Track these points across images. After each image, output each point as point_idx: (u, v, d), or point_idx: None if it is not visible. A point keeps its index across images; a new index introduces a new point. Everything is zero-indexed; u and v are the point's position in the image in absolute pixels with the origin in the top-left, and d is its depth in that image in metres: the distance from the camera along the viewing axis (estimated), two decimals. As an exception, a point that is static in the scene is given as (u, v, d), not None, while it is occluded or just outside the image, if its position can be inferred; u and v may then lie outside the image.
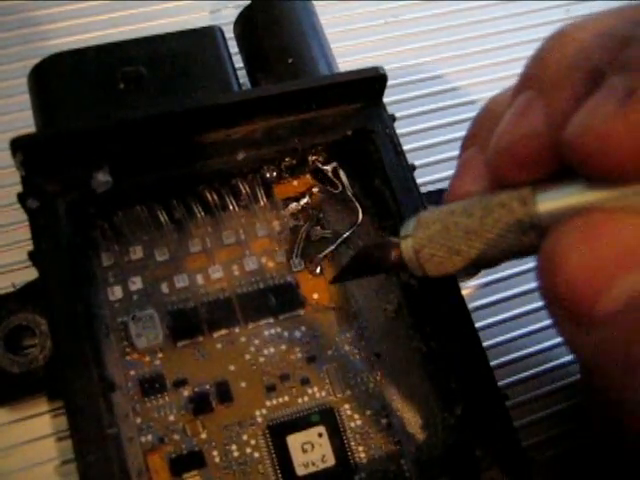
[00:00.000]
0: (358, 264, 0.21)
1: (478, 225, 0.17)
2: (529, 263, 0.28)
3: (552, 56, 0.17)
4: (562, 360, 0.26)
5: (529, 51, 0.33)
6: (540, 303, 0.27)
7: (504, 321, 0.27)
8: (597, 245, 0.15)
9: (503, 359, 0.26)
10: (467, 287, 0.27)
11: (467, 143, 0.21)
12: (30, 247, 0.22)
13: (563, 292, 0.15)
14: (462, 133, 0.24)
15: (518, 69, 0.32)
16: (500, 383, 0.22)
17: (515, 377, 0.26)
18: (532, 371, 0.26)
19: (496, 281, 0.28)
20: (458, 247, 0.18)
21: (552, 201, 0.16)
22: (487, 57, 0.33)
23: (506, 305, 0.27)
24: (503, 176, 0.17)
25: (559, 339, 0.27)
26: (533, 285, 0.28)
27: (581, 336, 0.16)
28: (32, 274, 0.23)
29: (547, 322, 0.27)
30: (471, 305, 0.26)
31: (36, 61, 0.25)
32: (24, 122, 0.26)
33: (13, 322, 0.23)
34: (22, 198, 0.22)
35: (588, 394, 0.23)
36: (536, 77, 0.17)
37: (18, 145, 0.22)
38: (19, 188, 0.22)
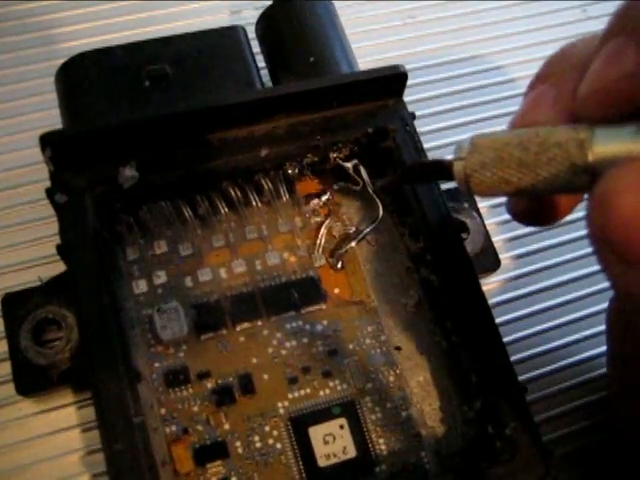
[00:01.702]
0: (411, 174, 0.23)
1: (532, 160, 0.17)
2: (548, 260, 0.28)
3: None
4: (582, 355, 0.27)
5: (546, 51, 0.34)
6: (559, 299, 0.27)
7: (524, 317, 0.27)
8: None
9: (523, 354, 0.26)
10: (488, 283, 0.27)
11: (537, 82, 0.21)
12: (55, 242, 0.22)
13: (616, 234, 0.15)
14: (481, 131, 0.25)
15: (535, 70, 0.32)
16: (520, 378, 0.23)
17: (535, 372, 0.26)
18: (552, 366, 0.26)
19: (516, 277, 0.28)
20: (509, 177, 0.18)
21: (610, 147, 0.16)
22: (505, 57, 0.33)
23: (526, 301, 0.28)
24: (589, 115, 0.17)
25: (579, 334, 0.27)
26: (553, 281, 0.28)
27: (629, 275, 0.16)
28: (57, 269, 0.23)
29: (567, 318, 0.27)
30: (492, 301, 0.27)
31: (61, 61, 0.26)
32: (51, 120, 0.26)
33: (40, 315, 0.23)
34: (50, 193, 0.23)
35: (615, 391, 0.24)
36: (626, 23, 0.17)
37: (47, 141, 0.22)
38: (45, 185, 0.23)
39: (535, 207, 0.21)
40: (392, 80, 0.25)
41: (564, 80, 0.19)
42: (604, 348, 0.24)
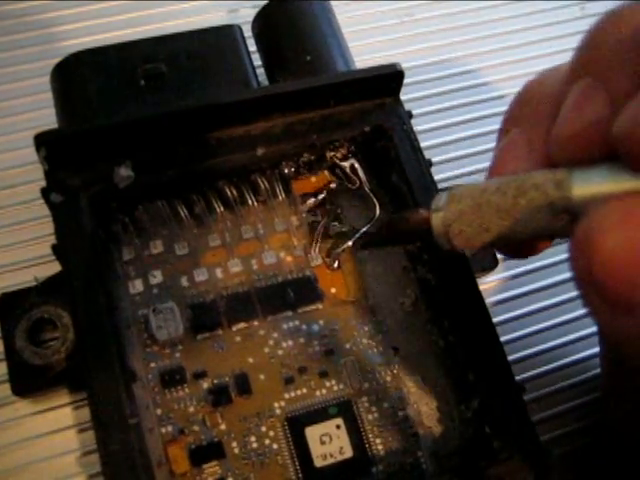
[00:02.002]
0: (387, 232, 0.22)
1: (510, 205, 0.17)
2: (545, 260, 0.28)
3: (607, 39, 0.17)
4: (579, 355, 0.27)
5: (544, 50, 0.34)
6: (556, 299, 0.27)
7: (522, 316, 0.27)
8: (637, 228, 0.14)
9: (521, 354, 0.26)
10: (485, 282, 0.27)
11: (508, 124, 0.20)
12: (51, 242, 0.22)
13: (599, 276, 0.15)
14: (477, 130, 0.25)
15: (533, 67, 0.32)
16: (517, 378, 0.22)
17: (532, 372, 0.26)
18: (549, 366, 0.26)
19: (514, 277, 0.28)
20: (488, 224, 0.18)
21: (588, 186, 0.16)
22: (502, 55, 0.33)
23: (523, 300, 0.28)
24: (562, 160, 0.17)
25: (576, 334, 0.27)
26: (550, 281, 0.28)
27: (617, 320, 0.15)
28: (53, 268, 0.23)
29: (564, 317, 0.27)
30: (489, 300, 0.26)
31: (57, 60, 0.26)
32: (47, 120, 0.26)
33: (35, 315, 0.23)
34: (45, 192, 0.23)
35: (610, 401, 0.23)
36: (592, 62, 0.17)
37: (42, 140, 0.22)
38: (40, 185, 0.23)
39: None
40: (389, 79, 0.25)
41: (535, 124, 0.19)
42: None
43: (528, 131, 0.19)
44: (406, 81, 0.25)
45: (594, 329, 0.27)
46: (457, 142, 0.30)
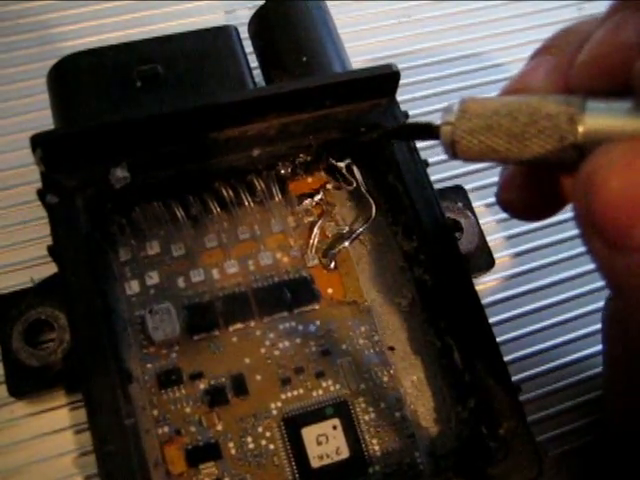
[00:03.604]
0: (399, 132, 0.24)
1: (520, 131, 0.17)
2: (543, 260, 0.28)
3: None
4: (576, 356, 0.27)
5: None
6: (552, 299, 0.27)
7: (518, 316, 0.27)
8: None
9: (517, 354, 0.26)
10: (482, 282, 0.27)
11: (539, 53, 0.20)
12: (48, 243, 0.22)
13: (600, 215, 0.15)
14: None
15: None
16: (514, 378, 0.22)
17: (529, 372, 0.26)
18: (546, 366, 0.26)
19: (511, 277, 0.28)
20: (496, 146, 0.18)
21: (600, 122, 0.16)
22: (499, 56, 0.33)
23: (520, 300, 0.28)
24: (581, 86, 0.17)
25: (572, 334, 0.27)
26: (547, 281, 0.28)
27: (615, 260, 0.15)
28: (50, 270, 0.23)
29: (560, 318, 0.27)
30: (485, 300, 0.26)
31: (54, 62, 0.26)
32: (44, 121, 0.26)
33: (32, 316, 0.23)
34: (42, 194, 0.23)
35: (611, 386, 0.23)
36: None
37: (38, 141, 0.22)
38: (37, 187, 0.23)
39: (527, 199, 0.20)
40: (385, 79, 0.25)
41: (565, 51, 0.19)
42: (599, 347, 0.24)
43: (557, 56, 0.19)
44: (403, 81, 0.25)
45: (590, 329, 0.27)
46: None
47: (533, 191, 0.20)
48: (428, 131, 0.20)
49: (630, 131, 0.15)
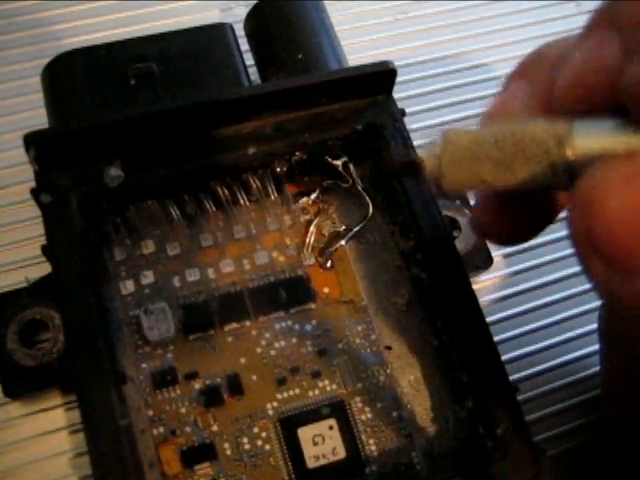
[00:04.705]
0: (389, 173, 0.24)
1: (509, 160, 0.17)
2: (541, 258, 0.28)
3: None
4: (574, 355, 0.26)
5: (539, 47, 0.33)
6: (550, 298, 0.27)
7: (516, 315, 0.27)
8: None
9: (514, 354, 0.26)
10: (480, 281, 0.27)
11: (511, 79, 0.20)
12: (42, 243, 0.22)
13: (600, 236, 0.14)
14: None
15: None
16: (511, 378, 0.22)
17: (526, 372, 0.26)
18: (543, 366, 0.26)
19: (508, 275, 0.28)
20: (484, 177, 0.17)
21: (590, 142, 0.16)
22: (498, 53, 0.33)
23: (518, 299, 0.27)
24: (565, 108, 0.17)
25: (570, 334, 0.27)
26: (545, 279, 0.28)
27: (615, 282, 0.15)
28: (45, 269, 0.23)
29: (557, 317, 0.27)
30: (483, 299, 0.26)
31: (48, 60, 0.25)
32: (39, 120, 0.26)
33: (27, 316, 0.23)
34: (35, 193, 0.22)
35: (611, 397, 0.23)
36: (611, 17, 0.17)
37: (31, 140, 0.22)
38: (31, 186, 0.23)
39: (505, 222, 0.20)
40: (381, 76, 0.24)
41: (539, 77, 0.18)
42: (596, 347, 0.24)
43: (531, 83, 0.18)
44: (400, 79, 0.25)
45: (588, 328, 0.27)
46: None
47: (511, 214, 0.19)
48: (412, 168, 0.20)
49: (622, 148, 0.15)
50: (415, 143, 0.25)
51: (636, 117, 0.15)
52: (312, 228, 0.25)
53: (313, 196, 0.25)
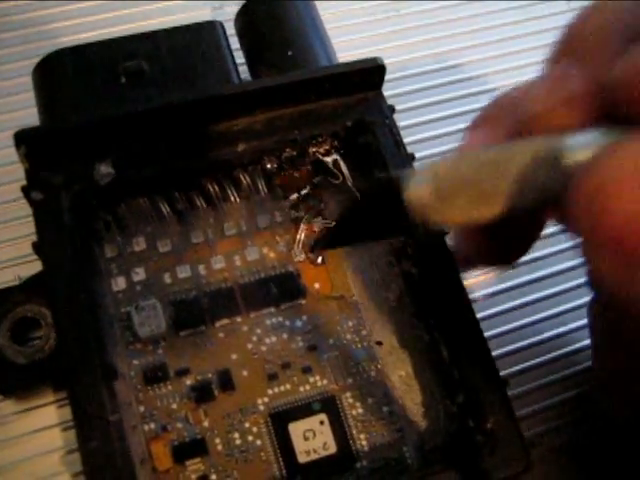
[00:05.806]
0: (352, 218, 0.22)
1: (502, 187, 0.16)
2: (532, 254, 0.28)
3: (589, 24, 0.17)
4: (564, 350, 0.26)
5: (531, 43, 0.34)
6: (540, 293, 0.27)
7: (507, 311, 0.27)
8: None
9: (505, 349, 0.26)
10: (470, 276, 0.27)
11: (477, 126, 0.19)
12: (34, 240, 0.22)
13: (611, 233, 0.13)
14: (463, 125, 0.24)
15: (520, 61, 0.32)
16: (502, 373, 0.22)
17: (517, 367, 0.26)
18: (534, 361, 0.26)
19: (498, 271, 0.28)
20: (476, 211, 0.17)
21: (587, 153, 0.15)
22: (488, 50, 0.33)
23: (509, 295, 0.27)
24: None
25: (560, 329, 0.27)
26: (535, 275, 0.28)
27: (630, 276, 0.14)
28: (36, 267, 0.23)
29: (548, 312, 0.27)
30: (474, 295, 0.26)
31: (39, 59, 0.25)
32: (29, 119, 0.26)
33: (19, 314, 0.23)
34: (26, 190, 0.22)
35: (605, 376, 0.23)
36: (572, 46, 0.17)
37: (21, 138, 0.22)
38: (22, 184, 0.23)
39: (489, 246, 0.19)
40: (370, 73, 0.25)
41: (504, 121, 0.18)
42: (587, 341, 0.24)
43: (495, 126, 0.18)
44: (391, 76, 0.25)
45: (579, 323, 0.27)
46: (441, 137, 0.30)
47: (495, 237, 0.19)
48: (396, 203, 0.18)
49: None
50: (405, 140, 0.25)
51: (626, 110, 0.15)
52: (302, 224, 0.25)
53: (304, 192, 0.25)
